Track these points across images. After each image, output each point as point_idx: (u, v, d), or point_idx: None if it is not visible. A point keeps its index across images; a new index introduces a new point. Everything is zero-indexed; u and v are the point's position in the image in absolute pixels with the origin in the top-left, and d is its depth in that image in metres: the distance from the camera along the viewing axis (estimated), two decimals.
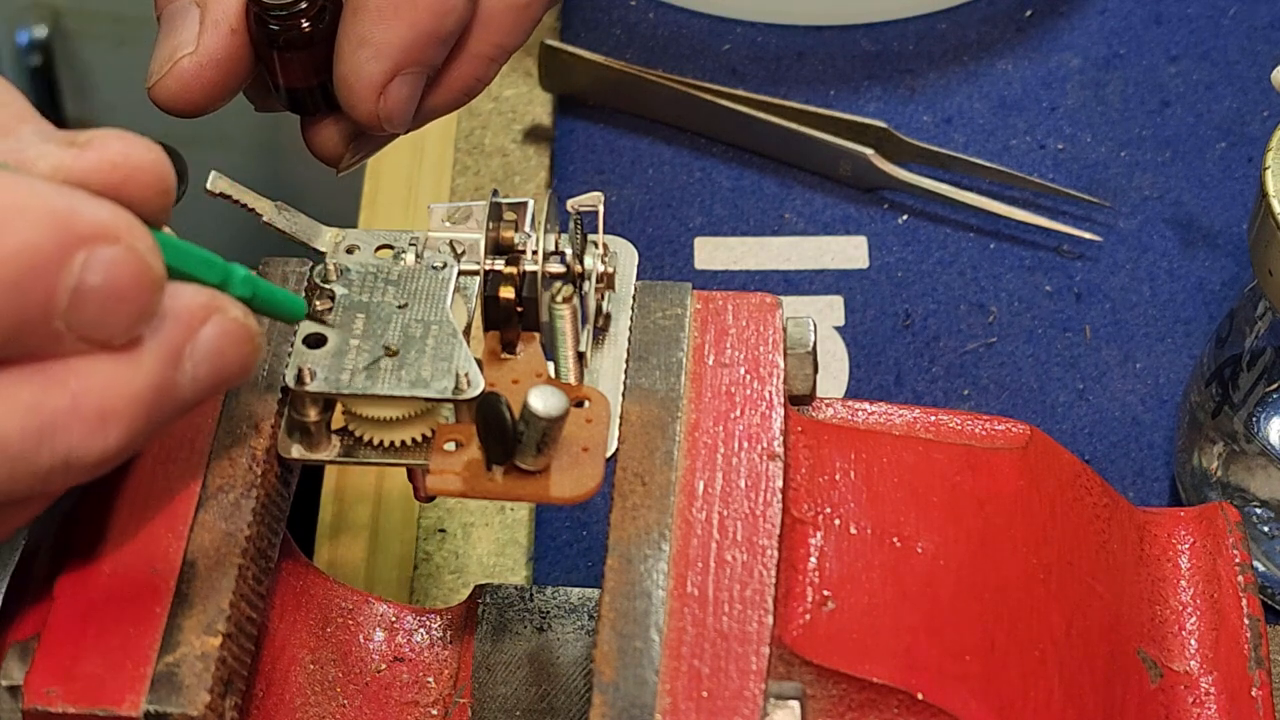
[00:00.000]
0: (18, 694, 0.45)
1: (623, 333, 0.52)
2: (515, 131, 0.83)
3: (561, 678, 0.56)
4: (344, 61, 0.55)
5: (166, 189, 0.43)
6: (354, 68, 0.54)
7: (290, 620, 0.54)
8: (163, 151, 0.43)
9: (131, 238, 0.41)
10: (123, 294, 0.40)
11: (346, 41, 0.54)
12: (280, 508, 0.50)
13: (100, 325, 0.41)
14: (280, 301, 0.46)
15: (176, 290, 0.42)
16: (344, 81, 0.55)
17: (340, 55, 0.55)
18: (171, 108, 0.54)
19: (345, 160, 0.58)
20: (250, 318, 0.44)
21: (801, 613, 0.47)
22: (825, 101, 0.82)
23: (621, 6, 0.86)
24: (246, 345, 0.43)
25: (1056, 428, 0.72)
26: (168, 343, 0.42)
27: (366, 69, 0.54)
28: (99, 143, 0.42)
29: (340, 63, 0.55)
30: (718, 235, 0.78)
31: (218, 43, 0.54)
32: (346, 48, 0.54)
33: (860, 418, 0.53)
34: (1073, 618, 0.50)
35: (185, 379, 0.42)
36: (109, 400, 0.41)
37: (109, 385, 0.41)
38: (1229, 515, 0.55)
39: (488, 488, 0.48)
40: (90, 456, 0.41)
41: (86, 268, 0.40)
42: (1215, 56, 0.83)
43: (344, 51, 0.55)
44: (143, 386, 0.41)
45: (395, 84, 0.55)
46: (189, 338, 0.42)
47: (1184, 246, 0.77)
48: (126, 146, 0.42)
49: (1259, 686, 0.52)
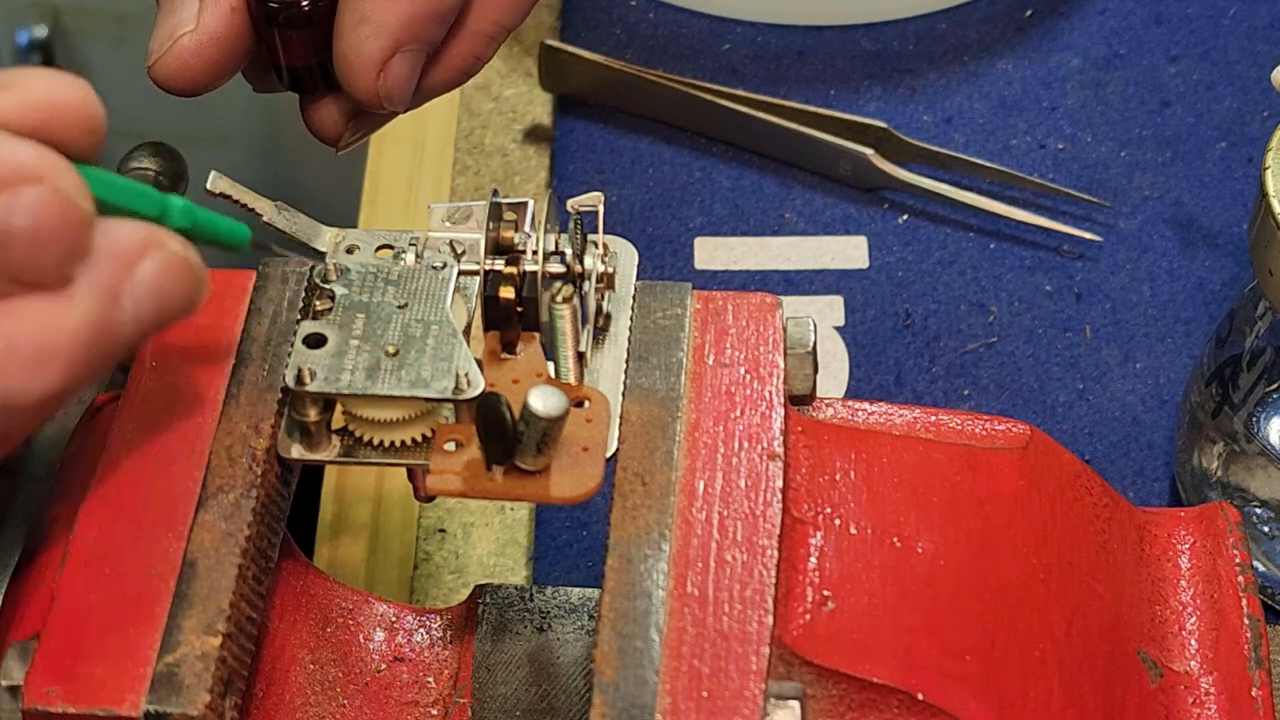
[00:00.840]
0: (18, 694, 0.45)
1: (623, 333, 0.52)
2: (515, 131, 0.83)
3: (561, 678, 0.56)
4: (343, 39, 0.54)
5: (95, 126, 0.43)
6: (353, 45, 0.54)
7: (290, 620, 0.54)
8: (89, 88, 0.43)
9: (55, 177, 0.40)
10: (50, 234, 0.40)
11: (346, 19, 0.54)
12: (280, 508, 0.50)
13: (29, 266, 0.40)
14: (223, 231, 0.46)
15: (110, 227, 0.42)
16: (343, 59, 0.55)
17: (340, 33, 0.54)
18: (171, 86, 0.54)
19: (345, 139, 0.58)
20: (191, 250, 0.43)
21: (801, 613, 0.47)
22: (825, 101, 0.82)
23: (621, 6, 0.86)
24: (188, 279, 0.43)
25: (1056, 428, 0.72)
26: (103, 280, 0.42)
27: (366, 46, 0.54)
28: (21, 83, 0.42)
29: (340, 40, 0.55)
30: (718, 235, 0.78)
31: (218, 20, 0.54)
32: (346, 25, 0.54)
33: (860, 418, 0.53)
34: (1073, 618, 0.50)
35: (126, 316, 0.42)
36: (45, 340, 0.41)
37: (44, 325, 0.41)
38: (1229, 515, 0.55)
39: (488, 488, 0.48)
40: (29, 398, 0.41)
41: (9, 209, 0.40)
42: (1215, 56, 0.83)
43: (344, 29, 0.54)
44: (79, 325, 0.41)
45: (395, 61, 0.54)
46: (126, 275, 0.42)
47: (1184, 246, 0.77)
48: (50, 85, 0.42)
49: (1259, 686, 0.52)
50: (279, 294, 0.52)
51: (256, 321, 0.51)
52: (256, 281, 0.52)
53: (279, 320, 0.51)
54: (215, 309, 0.51)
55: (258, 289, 0.52)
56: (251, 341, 0.51)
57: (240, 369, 0.50)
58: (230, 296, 0.52)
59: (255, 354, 0.51)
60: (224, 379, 0.50)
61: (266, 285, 0.52)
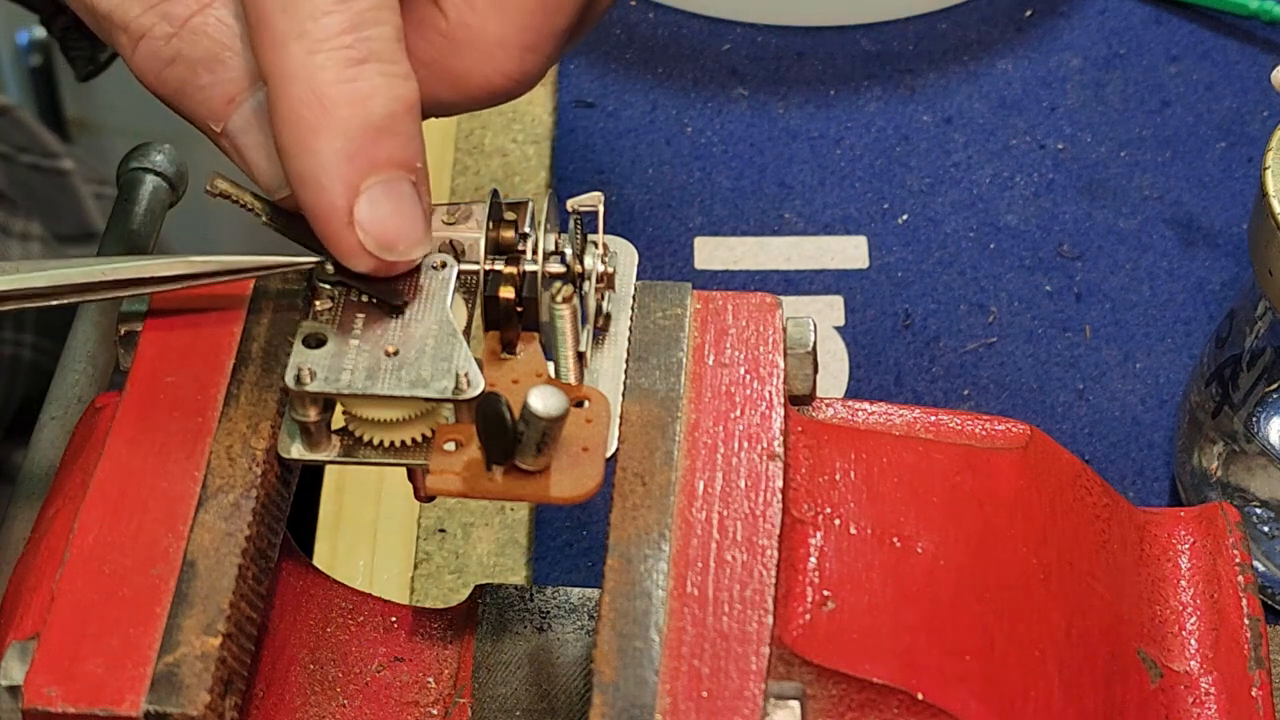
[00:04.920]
0: (18, 694, 0.45)
1: (623, 333, 0.52)
2: (515, 131, 0.83)
3: (561, 678, 0.56)
4: (301, 200, 0.47)
5: None
6: (308, 206, 0.47)
7: (290, 620, 0.54)
8: None
9: None
10: None
11: (287, 168, 0.47)
12: (280, 508, 0.50)
13: None
14: None
15: None
16: (313, 221, 0.47)
17: (294, 192, 0.47)
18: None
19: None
20: None
21: (801, 613, 0.47)
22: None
23: (621, 6, 0.86)
24: None
25: (1056, 428, 0.72)
26: None
27: (320, 200, 0.46)
28: None
29: (296, 194, 0.47)
30: (718, 235, 0.78)
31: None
32: (292, 177, 0.47)
33: (860, 418, 0.53)
34: (1073, 618, 0.50)
35: None
36: None
37: None
38: (1229, 515, 0.55)
39: (488, 488, 0.48)
40: None
41: None
42: (1215, 56, 0.83)
43: (291, 179, 0.47)
44: None
45: (363, 204, 0.47)
46: None
47: (1184, 246, 0.77)
48: None
49: (1259, 686, 0.52)
50: (279, 294, 0.52)
51: (256, 321, 0.51)
52: (256, 281, 0.52)
53: (279, 320, 0.51)
54: (215, 309, 0.51)
55: (258, 289, 0.52)
56: (251, 341, 0.51)
57: (240, 369, 0.50)
58: (230, 297, 0.52)
59: (255, 354, 0.50)
60: (224, 379, 0.50)
61: (266, 285, 0.52)
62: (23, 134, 1.03)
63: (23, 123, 1.05)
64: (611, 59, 0.84)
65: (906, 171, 0.80)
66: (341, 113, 0.46)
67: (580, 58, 0.84)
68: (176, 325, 0.51)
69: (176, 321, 0.51)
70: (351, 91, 0.46)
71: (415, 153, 0.47)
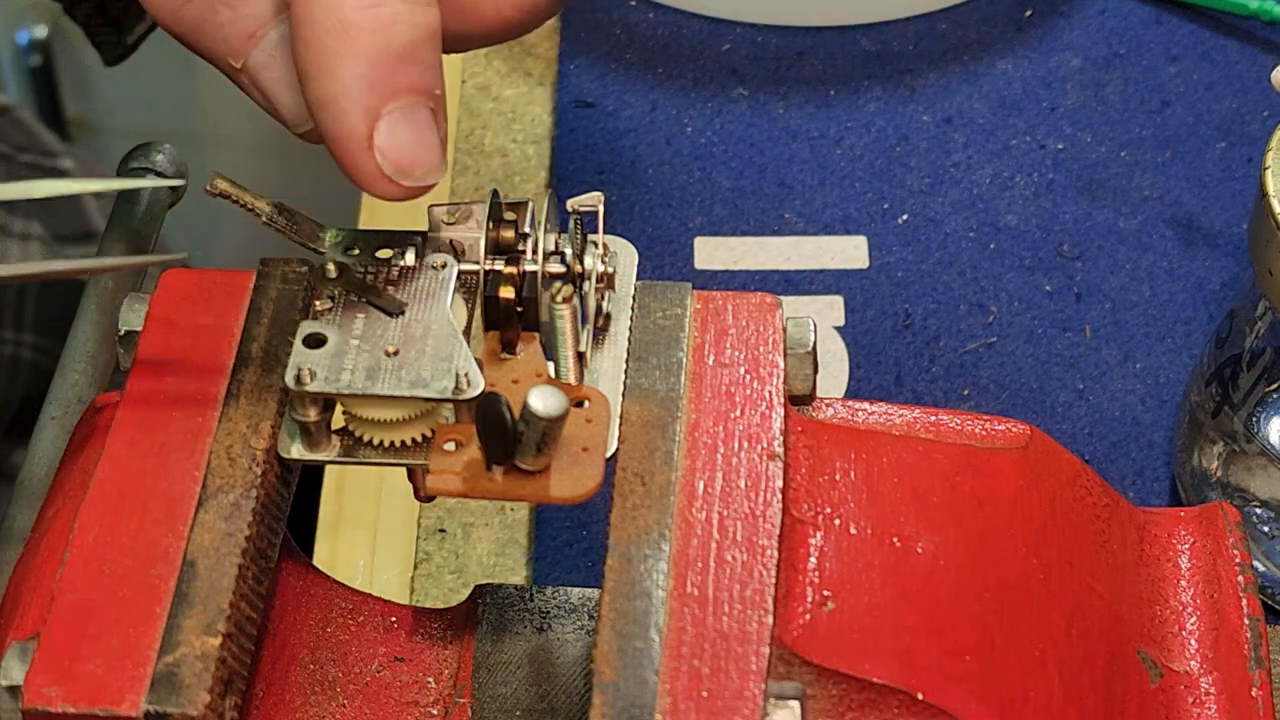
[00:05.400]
0: (18, 694, 0.45)
1: (623, 333, 0.52)
2: (515, 131, 0.83)
3: (561, 678, 0.56)
4: (319, 119, 0.47)
5: None
6: (327, 129, 0.47)
7: (290, 620, 0.54)
8: None
9: None
10: None
11: (307, 94, 0.47)
12: (280, 508, 0.50)
13: None
14: None
15: None
16: (330, 144, 0.47)
17: (312, 112, 0.47)
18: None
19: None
20: None
21: (801, 613, 0.47)
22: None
23: (621, 7, 0.86)
24: None
25: (1056, 428, 0.72)
26: None
27: (339, 124, 0.46)
28: None
29: (317, 121, 0.47)
30: (718, 235, 0.78)
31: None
32: (311, 103, 0.47)
33: (860, 418, 0.53)
34: (1073, 618, 0.50)
35: None
36: None
37: None
38: (1229, 515, 0.55)
39: (488, 488, 0.48)
40: None
41: None
42: (1215, 56, 0.83)
43: (311, 106, 0.47)
44: None
45: (383, 128, 0.47)
46: None
47: (1184, 246, 0.77)
48: None
49: (1259, 686, 0.52)
50: (279, 294, 0.52)
51: (256, 321, 0.51)
52: (256, 281, 0.52)
53: (279, 320, 0.51)
54: (215, 309, 0.51)
55: (258, 289, 0.52)
56: (251, 341, 0.51)
57: (240, 369, 0.50)
58: (230, 296, 0.52)
59: (255, 354, 0.51)
60: (224, 379, 0.50)
61: (266, 285, 0.52)
62: (22, 134, 1.04)
63: (22, 122, 1.05)
64: (611, 59, 0.84)
65: (906, 171, 0.80)
66: (364, 39, 0.46)
67: (580, 58, 0.84)
68: (176, 325, 0.51)
69: (176, 322, 0.51)
70: (374, 18, 0.46)
71: (435, 80, 0.47)
